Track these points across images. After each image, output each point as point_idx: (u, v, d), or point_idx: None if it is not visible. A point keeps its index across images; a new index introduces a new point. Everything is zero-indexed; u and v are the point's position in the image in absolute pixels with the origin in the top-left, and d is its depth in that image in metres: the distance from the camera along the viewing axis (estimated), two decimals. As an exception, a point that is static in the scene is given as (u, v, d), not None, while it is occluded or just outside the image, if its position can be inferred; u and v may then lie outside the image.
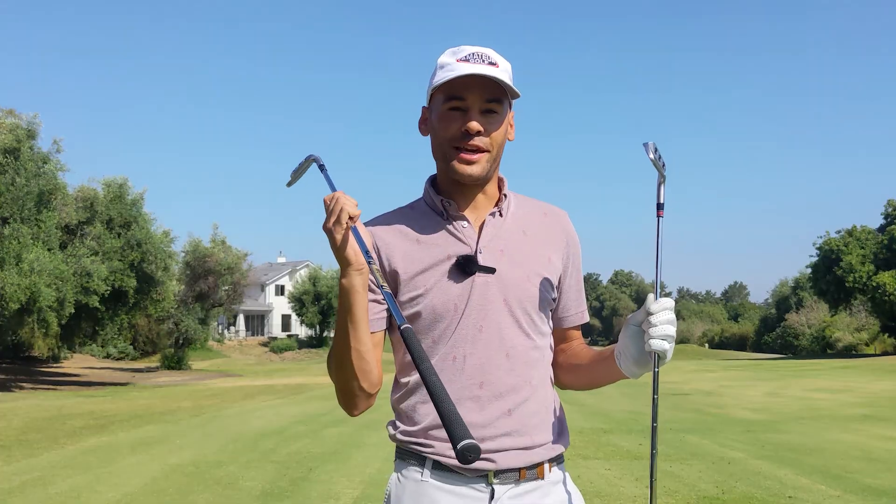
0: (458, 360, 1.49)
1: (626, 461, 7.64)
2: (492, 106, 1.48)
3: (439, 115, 1.51)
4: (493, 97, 1.48)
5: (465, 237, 1.53)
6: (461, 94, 1.47)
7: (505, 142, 1.55)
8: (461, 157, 1.49)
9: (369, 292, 1.51)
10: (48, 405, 16.03)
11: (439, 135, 1.52)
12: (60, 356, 36.99)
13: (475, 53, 1.48)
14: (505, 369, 1.50)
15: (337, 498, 6.11)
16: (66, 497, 6.35)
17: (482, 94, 1.47)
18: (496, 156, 1.52)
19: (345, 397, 1.50)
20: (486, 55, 1.48)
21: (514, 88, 1.48)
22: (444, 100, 1.49)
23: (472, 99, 1.47)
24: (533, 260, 1.55)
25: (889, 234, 41.90)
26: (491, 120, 1.49)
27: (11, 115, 22.05)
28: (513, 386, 1.50)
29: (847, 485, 6.35)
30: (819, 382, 20.12)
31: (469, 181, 1.51)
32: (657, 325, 1.41)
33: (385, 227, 1.57)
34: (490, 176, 1.54)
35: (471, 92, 1.47)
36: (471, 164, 1.49)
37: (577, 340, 1.70)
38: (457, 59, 1.48)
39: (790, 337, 63.57)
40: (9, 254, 19.77)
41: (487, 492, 1.48)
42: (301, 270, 62.39)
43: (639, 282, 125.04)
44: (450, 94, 1.48)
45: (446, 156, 1.51)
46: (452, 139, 1.49)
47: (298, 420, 12.09)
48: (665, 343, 1.41)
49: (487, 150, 1.49)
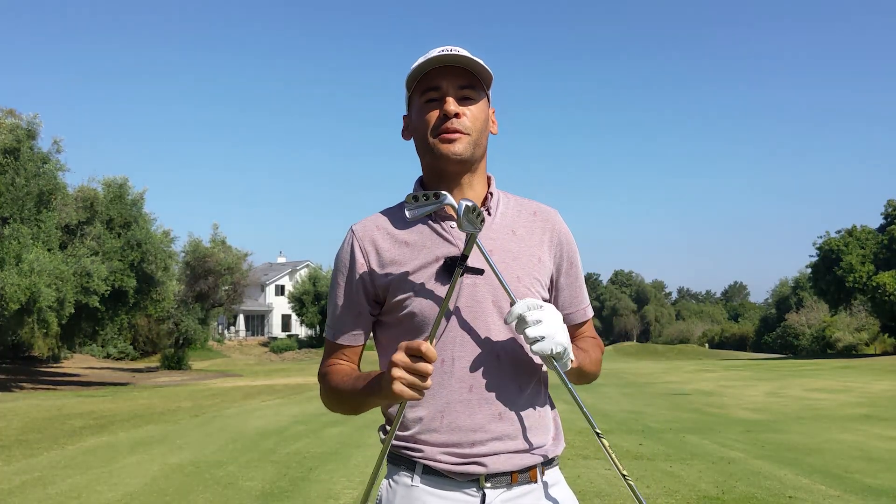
0: (447, 363, 1.49)
1: (626, 461, 7.63)
2: (466, 93, 1.52)
3: (418, 109, 1.54)
4: (466, 83, 1.51)
5: (453, 238, 1.53)
6: (435, 84, 1.51)
7: (487, 130, 1.57)
8: (442, 138, 1.51)
9: (353, 307, 1.57)
10: (48, 405, 16.02)
11: (420, 127, 1.54)
12: (60, 356, 36.97)
13: (444, 50, 1.52)
14: (495, 372, 1.49)
15: (337, 498, 6.11)
16: (66, 497, 6.34)
17: (455, 81, 1.51)
18: (477, 139, 1.53)
19: (345, 414, 1.63)
20: (456, 50, 1.52)
21: (487, 67, 1.51)
22: (421, 94, 1.53)
23: (447, 86, 1.51)
24: (523, 260, 1.55)
25: (889, 234, 41.90)
26: (467, 106, 1.52)
27: (11, 115, 22.05)
28: (503, 388, 1.49)
29: (847, 485, 6.35)
30: (819, 382, 20.11)
31: (454, 159, 1.51)
32: (524, 332, 1.41)
33: (374, 229, 1.57)
34: (475, 160, 1.55)
35: (444, 80, 1.50)
36: (452, 142, 1.50)
37: (583, 336, 1.69)
38: (426, 59, 1.52)
39: (790, 337, 63.57)
40: (9, 254, 19.76)
41: (478, 496, 1.47)
42: (301, 270, 62.37)
43: (639, 282, 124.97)
44: (425, 87, 1.52)
45: (428, 143, 1.53)
46: (433, 128, 1.52)
47: (298, 420, 12.09)
48: (541, 346, 1.39)
49: (467, 132, 1.51)
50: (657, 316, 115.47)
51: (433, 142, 1.51)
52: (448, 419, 1.47)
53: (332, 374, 1.59)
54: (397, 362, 1.33)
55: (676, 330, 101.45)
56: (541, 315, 1.40)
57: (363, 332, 1.60)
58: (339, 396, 1.57)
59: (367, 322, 1.59)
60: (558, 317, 1.42)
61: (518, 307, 1.41)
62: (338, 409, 1.60)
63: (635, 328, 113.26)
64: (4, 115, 21.94)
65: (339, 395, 1.56)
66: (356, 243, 1.56)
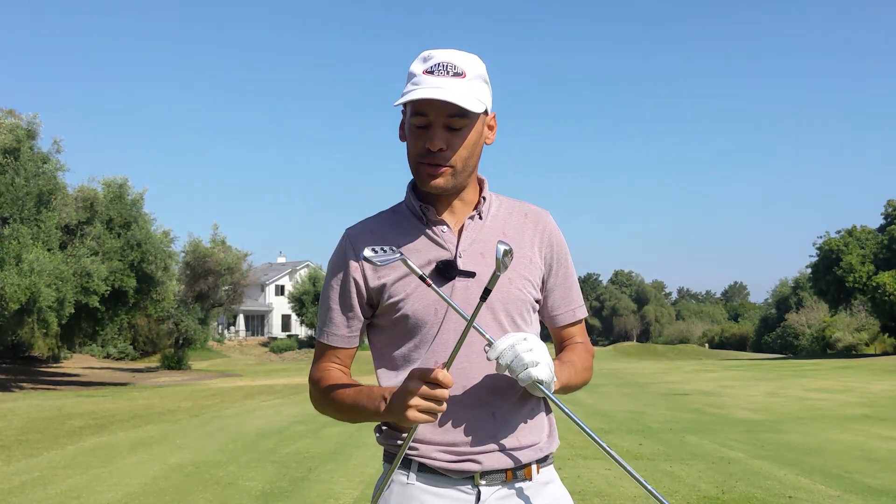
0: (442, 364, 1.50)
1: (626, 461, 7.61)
2: (453, 122, 1.48)
3: (409, 129, 1.53)
4: (455, 113, 1.47)
5: (445, 242, 1.54)
6: (423, 111, 1.48)
7: (477, 152, 1.55)
8: (425, 170, 1.51)
9: (346, 310, 1.58)
10: (48, 405, 16.02)
11: (409, 147, 1.54)
12: (60, 356, 36.98)
13: (441, 64, 1.46)
14: (488, 373, 1.50)
15: (337, 498, 6.11)
16: (66, 497, 6.34)
17: (444, 111, 1.46)
18: (463, 168, 1.52)
19: (338, 420, 1.64)
20: (453, 65, 1.47)
21: (477, 104, 1.46)
22: (411, 114, 1.51)
23: (434, 115, 1.47)
24: (514, 262, 1.55)
25: (889, 234, 41.91)
26: (454, 136, 1.49)
27: (11, 115, 22.07)
28: (497, 389, 1.51)
29: (847, 485, 6.34)
30: (819, 382, 20.12)
31: (435, 192, 1.53)
32: (509, 364, 1.39)
33: (368, 234, 1.58)
34: (460, 186, 1.56)
35: (433, 108, 1.46)
36: (434, 177, 1.50)
37: (574, 339, 1.69)
38: (423, 71, 1.47)
39: (790, 337, 63.58)
40: (9, 254, 19.77)
41: (474, 493, 1.48)
42: (301, 270, 62.38)
43: (639, 282, 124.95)
44: (414, 110, 1.49)
45: (415, 169, 1.54)
46: (418, 155, 1.51)
47: (298, 420, 12.08)
48: (530, 373, 1.38)
49: (451, 165, 1.50)
50: (657, 316, 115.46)
51: (418, 168, 1.52)
52: (443, 419, 1.48)
53: (326, 381, 1.60)
54: (413, 391, 1.35)
55: (676, 330, 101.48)
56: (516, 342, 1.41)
57: (356, 335, 1.61)
58: (334, 406, 1.57)
59: (360, 325, 1.60)
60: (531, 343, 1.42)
61: (503, 340, 1.41)
62: (332, 416, 1.61)
63: (635, 328, 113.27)
64: (4, 115, 21.95)
65: (336, 406, 1.57)
66: (350, 247, 1.57)
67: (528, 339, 1.41)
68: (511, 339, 1.41)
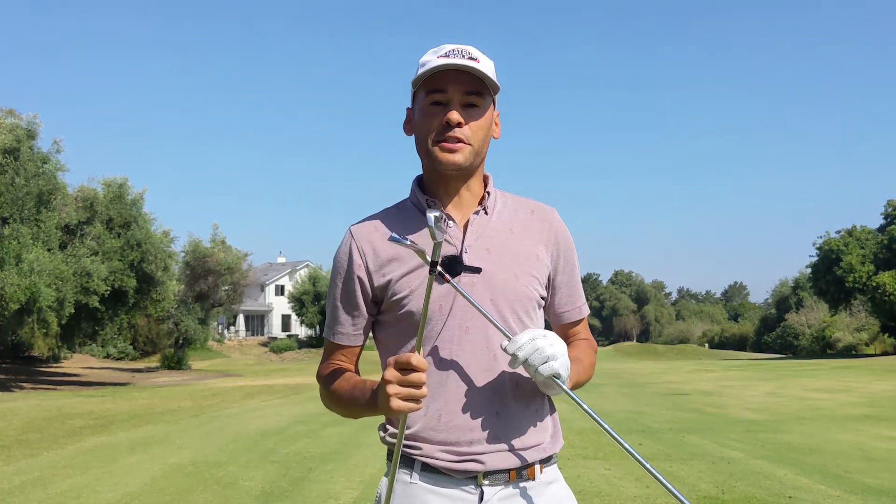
0: (445, 363, 1.50)
1: (626, 461, 7.62)
2: (472, 99, 1.49)
3: (421, 110, 1.52)
4: (473, 90, 1.49)
5: (451, 237, 1.53)
6: (442, 87, 1.48)
7: (489, 137, 1.56)
8: (442, 146, 1.49)
9: (352, 308, 1.58)
10: (48, 405, 16.02)
11: (422, 129, 1.53)
12: (60, 356, 36.97)
13: (455, 49, 1.49)
14: (492, 370, 1.50)
15: (337, 498, 6.11)
16: (66, 497, 6.34)
17: (462, 87, 1.48)
18: (478, 149, 1.52)
19: (346, 417, 1.64)
20: (467, 51, 1.49)
21: (495, 81, 1.49)
22: (426, 94, 1.50)
23: (453, 91, 1.48)
24: (521, 259, 1.55)
25: (889, 234, 41.91)
26: (472, 113, 1.50)
27: (11, 115, 22.06)
28: (500, 387, 1.50)
29: (847, 485, 6.34)
30: (819, 382, 20.12)
31: (452, 169, 1.51)
32: (527, 358, 1.39)
33: (372, 230, 1.58)
34: (473, 168, 1.55)
35: (451, 84, 1.48)
36: (453, 152, 1.49)
37: (579, 336, 1.70)
38: (437, 56, 1.49)
39: (790, 337, 63.60)
40: (9, 254, 19.76)
41: (477, 493, 1.48)
42: (301, 270, 62.36)
43: (639, 282, 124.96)
44: (431, 87, 1.49)
45: (429, 148, 1.52)
46: (434, 132, 1.50)
47: (298, 420, 12.08)
48: (550, 366, 1.38)
49: (469, 142, 1.50)
50: (657, 316, 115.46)
51: (433, 148, 1.50)
52: (446, 418, 1.48)
53: (331, 377, 1.61)
54: (390, 379, 1.34)
55: (676, 330, 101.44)
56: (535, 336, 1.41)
57: (362, 332, 1.61)
58: (337, 402, 1.59)
59: (366, 322, 1.60)
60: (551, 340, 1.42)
61: (522, 335, 1.41)
62: (337, 412, 1.62)
63: (635, 328, 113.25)
64: (4, 115, 21.94)
65: (338, 401, 1.58)
66: (354, 244, 1.57)
67: (547, 335, 1.41)
68: (531, 333, 1.40)
